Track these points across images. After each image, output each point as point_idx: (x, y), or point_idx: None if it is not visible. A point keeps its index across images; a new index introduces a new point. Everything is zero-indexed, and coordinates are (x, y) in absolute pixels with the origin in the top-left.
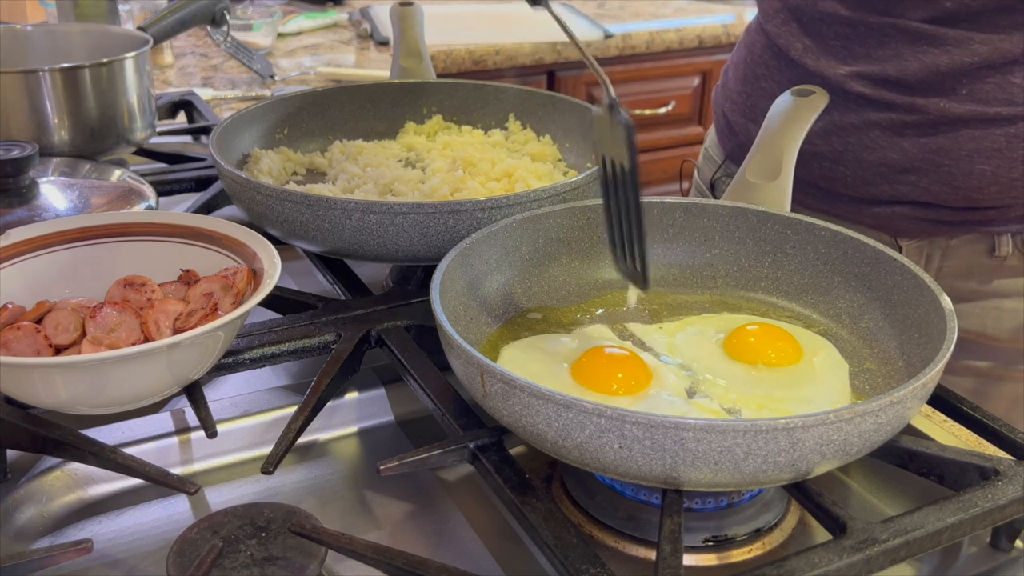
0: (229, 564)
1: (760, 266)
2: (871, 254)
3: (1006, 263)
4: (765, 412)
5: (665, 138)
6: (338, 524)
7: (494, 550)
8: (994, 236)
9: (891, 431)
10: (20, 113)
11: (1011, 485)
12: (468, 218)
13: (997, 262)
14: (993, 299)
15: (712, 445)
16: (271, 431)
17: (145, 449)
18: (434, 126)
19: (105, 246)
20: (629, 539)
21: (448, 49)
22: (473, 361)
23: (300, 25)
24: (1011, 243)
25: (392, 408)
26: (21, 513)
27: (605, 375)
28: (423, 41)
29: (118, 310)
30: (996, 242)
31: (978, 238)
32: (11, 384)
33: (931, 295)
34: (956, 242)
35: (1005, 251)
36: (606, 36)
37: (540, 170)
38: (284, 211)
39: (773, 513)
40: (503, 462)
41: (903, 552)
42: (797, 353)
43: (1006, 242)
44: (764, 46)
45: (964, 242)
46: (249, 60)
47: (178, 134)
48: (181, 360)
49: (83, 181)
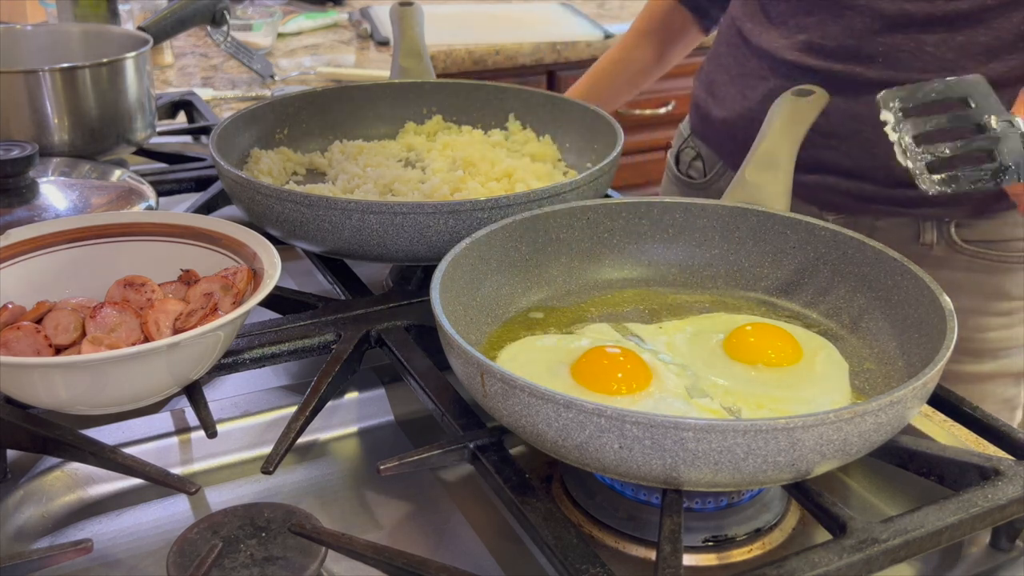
0: (229, 564)
1: (760, 266)
2: (871, 254)
3: (932, 252)
4: (765, 412)
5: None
6: (338, 524)
7: (494, 550)
8: (919, 222)
9: (891, 431)
10: (20, 113)
11: (1011, 485)
12: (468, 218)
13: (923, 250)
14: None
15: (712, 445)
16: (271, 431)
17: (145, 449)
18: (434, 126)
19: (105, 246)
20: (629, 539)
21: (448, 49)
22: (473, 361)
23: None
24: (935, 231)
25: (392, 408)
26: (21, 513)
27: (605, 375)
28: (423, 41)
29: (118, 310)
30: (921, 228)
31: (904, 223)
32: (11, 384)
33: (931, 295)
34: (882, 224)
35: (930, 239)
36: (606, 36)
37: (540, 170)
38: (284, 211)
39: (773, 513)
40: (503, 462)
41: (903, 552)
42: (797, 353)
43: (931, 229)
44: (727, 25)
45: (890, 225)
46: (249, 60)
47: (178, 134)
48: (181, 360)
49: (83, 181)
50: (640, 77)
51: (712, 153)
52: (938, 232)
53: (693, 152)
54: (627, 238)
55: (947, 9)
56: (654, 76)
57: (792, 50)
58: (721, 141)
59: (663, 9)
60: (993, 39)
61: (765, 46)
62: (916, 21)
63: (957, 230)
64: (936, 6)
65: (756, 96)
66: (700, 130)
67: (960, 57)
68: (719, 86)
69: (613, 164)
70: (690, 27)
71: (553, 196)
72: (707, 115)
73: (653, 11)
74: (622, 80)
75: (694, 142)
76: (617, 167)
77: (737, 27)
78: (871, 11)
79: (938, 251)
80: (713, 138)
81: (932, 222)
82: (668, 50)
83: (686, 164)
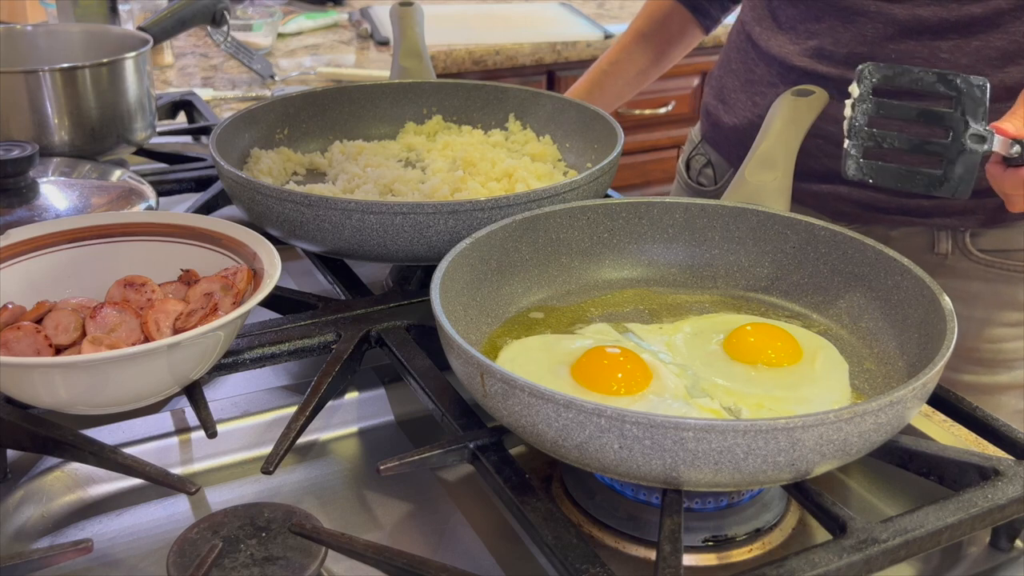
0: (229, 564)
1: (760, 266)
2: (871, 254)
3: (947, 263)
4: (765, 412)
5: (665, 138)
6: (338, 524)
7: (494, 550)
8: (933, 231)
9: (891, 431)
10: (20, 113)
11: (1011, 485)
12: (468, 218)
13: (938, 260)
14: None
15: (712, 445)
16: (271, 431)
17: (145, 449)
18: (434, 126)
19: (105, 246)
20: (629, 539)
21: (448, 49)
22: (473, 361)
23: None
24: (950, 241)
25: (392, 408)
26: (21, 513)
27: (605, 375)
28: (423, 41)
29: (118, 310)
30: (935, 237)
31: (918, 232)
32: (11, 384)
33: (931, 295)
34: (896, 234)
35: (944, 248)
36: (606, 36)
37: (540, 170)
38: (284, 211)
39: (773, 513)
40: (503, 462)
41: (903, 552)
42: (797, 353)
43: (945, 239)
44: (737, 31)
45: (904, 235)
46: (249, 60)
47: (178, 134)
48: (181, 360)
49: (83, 181)
50: (640, 78)
51: (723, 160)
52: (953, 242)
53: (704, 159)
54: (627, 238)
55: (960, 14)
56: (654, 76)
57: (802, 56)
58: (731, 148)
59: (662, 9)
60: (1009, 43)
61: (774, 52)
62: (929, 27)
63: (972, 239)
64: (950, 11)
65: (766, 103)
66: (710, 137)
67: (975, 62)
68: (729, 92)
69: (613, 164)
70: (690, 27)
71: (553, 196)
72: (717, 122)
73: (652, 11)
74: (622, 81)
75: (704, 148)
76: (617, 167)
77: (747, 32)
78: (883, 17)
79: (953, 261)
80: (723, 145)
81: (946, 232)
82: (667, 50)
83: (696, 171)
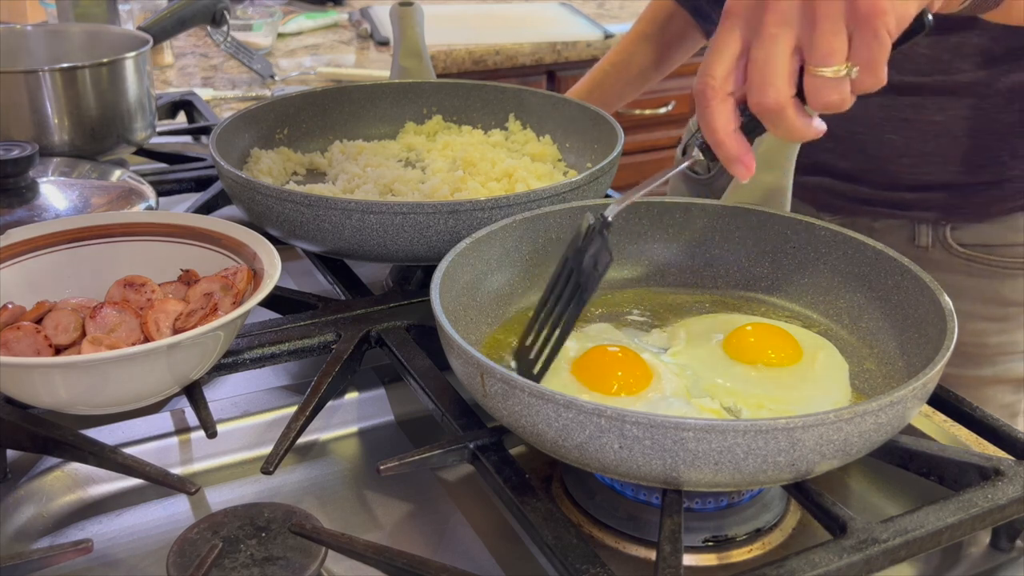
0: (229, 564)
1: (760, 266)
2: (871, 254)
3: (928, 255)
4: (765, 412)
5: (665, 138)
6: (338, 524)
7: (494, 550)
8: (914, 224)
9: (891, 431)
10: (20, 113)
11: (1011, 485)
12: (468, 218)
13: (919, 252)
14: None
15: (712, 445)
16: (271, 431)
17: (145, 449)
18: (434, 126)
19: (105, 246)
20: (629, 539)
21: (448, 49)
22: (473, 361)
23: (300, 25)
24: (930, 234)
25: (392, 408)
26: (21, 513)
27: (605, 375)
28: (423, 41)
29: (118, 310)
30: (916, 230)
31: (900, 225)
32: (11, 384)
33: (931, 295)
34: (879, 225)
35: (924, 241)
36: (606, 36)
37: (540, 170)
38: (284, 211)
39: (773, 513)
40: (503, 462)
41: (903, 552)
42: (797, 353)
43: (926, 232)
44: None
45: (886, 227)
46: (249, 60)
47: (178, 134)
48: (181, 360)
49: (83, 181)
50: (640, 79)
51: None
52: (933, 235)
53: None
54: (627, 238)
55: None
56: (655, 79)
57: None
58: None
59: (664, 12)
60: (988, 40)
61: None
62: None
63: (952, 233)
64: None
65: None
66: None
67: (955, 58)
68: None
69: (613, 164)
70: (690, 31)
71: (553, 196)
72: None
73: (654, 13)
74: (623, 81)
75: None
76: (617, 167)
77: None
78: None
79: (934, 254)
80: None
81: (927, 225)
82: (668, 53)
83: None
